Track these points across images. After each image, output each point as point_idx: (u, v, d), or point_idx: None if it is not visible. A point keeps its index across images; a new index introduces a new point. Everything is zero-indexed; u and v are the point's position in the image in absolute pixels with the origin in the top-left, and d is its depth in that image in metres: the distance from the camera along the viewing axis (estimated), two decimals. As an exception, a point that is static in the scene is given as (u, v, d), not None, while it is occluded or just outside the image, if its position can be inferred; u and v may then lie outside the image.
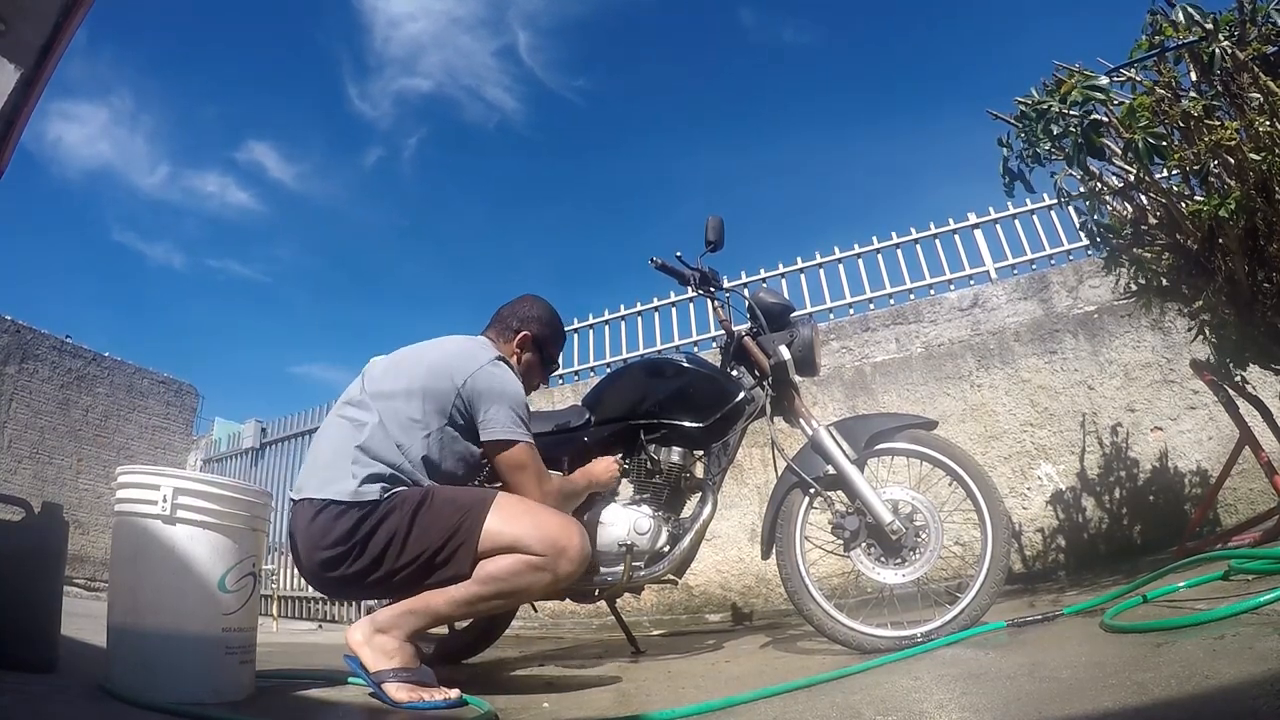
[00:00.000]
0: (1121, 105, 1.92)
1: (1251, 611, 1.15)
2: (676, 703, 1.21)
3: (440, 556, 1.43)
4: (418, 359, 1.65)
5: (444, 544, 1.43)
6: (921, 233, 4.58)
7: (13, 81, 1.39)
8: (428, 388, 1.57)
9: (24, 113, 1.44)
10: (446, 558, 1.43)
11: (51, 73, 1.46)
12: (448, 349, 1.68)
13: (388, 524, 1.43)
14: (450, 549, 1.43)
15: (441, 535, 1.43)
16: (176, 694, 1.25)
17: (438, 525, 1.44)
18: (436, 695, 1.35)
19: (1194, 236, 1.97)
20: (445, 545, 1.43)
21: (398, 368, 1.65)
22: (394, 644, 1.41)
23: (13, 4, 1.36)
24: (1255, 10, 1.87)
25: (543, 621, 4.15)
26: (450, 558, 1.43)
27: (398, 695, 1.34)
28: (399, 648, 1.41)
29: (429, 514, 1.45)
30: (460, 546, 1.43)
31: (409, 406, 1.55)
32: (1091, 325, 3.55)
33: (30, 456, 7.28)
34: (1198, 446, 3.15)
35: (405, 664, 1.40)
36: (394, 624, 1.43)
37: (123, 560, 1.37)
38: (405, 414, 1.55)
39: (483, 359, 1.63)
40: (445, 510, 1.45)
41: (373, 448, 1.50)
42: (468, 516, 1.44)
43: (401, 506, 1.45)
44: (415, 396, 1.56)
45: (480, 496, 1.51)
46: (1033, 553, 3.29)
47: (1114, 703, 0.84)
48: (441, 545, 1.43)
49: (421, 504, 1.46)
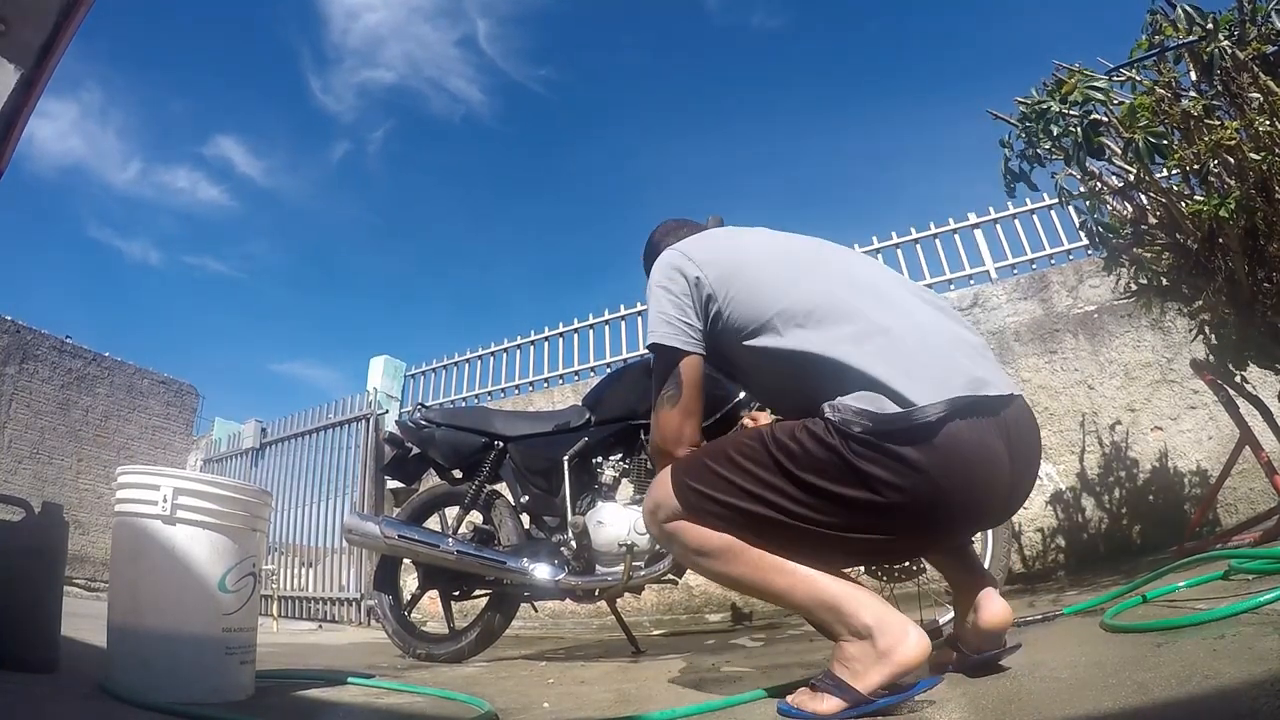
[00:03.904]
0: (1121, 105, 1.92)
1: (1251, 611, 1.15)
2: (676, 703, 1.21)
3: None
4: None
5: None
6: (921, 232, 4.58)
7: (13, 81, 1.39)
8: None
9: (24, 113, 1.44)
10: None
11: (51, 73, 1.46)
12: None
13: None
14: None
15: None
16: (176, 694, 1.25)
17: None
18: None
19: (1194, 236, 1.97)
20: None
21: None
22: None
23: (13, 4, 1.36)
24: (1255, 10, 1.87)
25: (543, 621, 4.15)
26: None
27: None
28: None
29: None
30: None
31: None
32: (1091, 325, 3.55)
33: (30, 456, 7.28)
34: (1198, 446, 3.15)
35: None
36: None
37: (123, 560, 1.37)
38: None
39: None
40: None
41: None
42: None
43: None
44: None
45: None
46: (1033, 553, 3.29)
47: (1114, 703, 0.84)
48: None
49: None
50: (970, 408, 1.00)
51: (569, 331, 5.64)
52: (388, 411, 5.79)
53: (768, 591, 1.09)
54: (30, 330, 7.58)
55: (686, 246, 1.28)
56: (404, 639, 2.40)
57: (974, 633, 1.17)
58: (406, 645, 2.38)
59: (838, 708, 0.97)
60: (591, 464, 2.32)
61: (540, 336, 5.75)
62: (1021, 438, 1.07)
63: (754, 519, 1.06)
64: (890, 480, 0.97)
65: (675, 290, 1.22)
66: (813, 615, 1.07)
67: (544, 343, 5.73)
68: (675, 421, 1.20)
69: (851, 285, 1.16)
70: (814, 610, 1.05)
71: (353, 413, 5.68)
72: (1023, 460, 1.07)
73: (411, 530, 2.37)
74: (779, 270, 1.19)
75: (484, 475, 2.45)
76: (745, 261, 1.22)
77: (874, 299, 1.13)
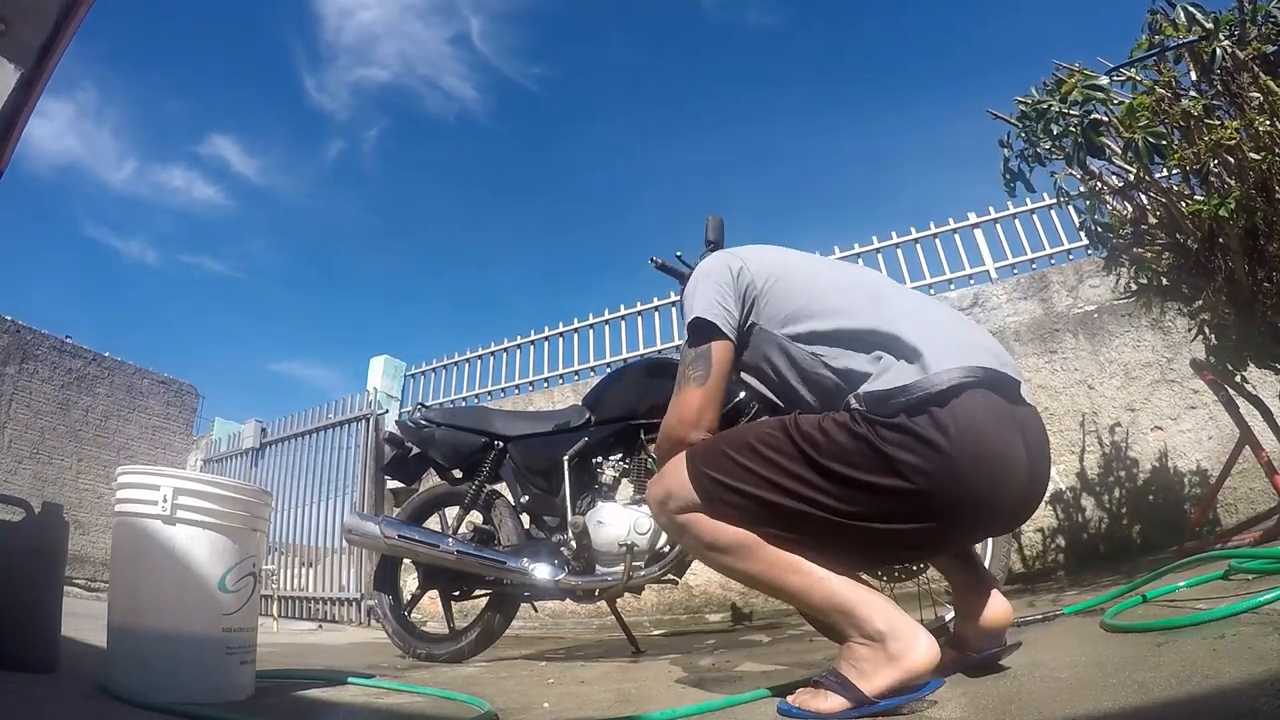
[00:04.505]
0: (1121, 105, 1.92)
1: (1251, 611, 1.15)
2: (676, 703, 1.21)
3: None
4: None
5: None
6: (921, 232, 4.58)
7: (13, 81, 1.39)
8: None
9: (24, 113, 1.44)
10: None
11: (51, 73, 1.46)
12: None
13: None
14: None
15: None
16: (176, 694, 1.25)
17: None
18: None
19: (1194, 236, 1.97)
20: None
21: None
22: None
23: (13, 4, 1.36)
24: (1255, 10, 1.87)
25: (543, 621, 4.15)
26: None
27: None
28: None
29: None
30: None
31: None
32: (1091, 325, 3.55)
33: (30, 457, 7.28)
34: (1198, 446, 3.15)
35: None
36: None
37: (123, 560, 1.37)
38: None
39: None
40: None
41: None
42: None
43: None
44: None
45: None
46: (1033, 553, 3.29)
47: (1114, 702, 0.84)
48: None
49: None
50: (990, 380, 1.02)
51: (569, 331, 5.64)
52: (388, 411, 5.79)
53: (782, 590, 1.09)
54: (30, 330, 7.58)
55: (733, 249, 1.33)
56: (404, 639, 2.40)
57: (975, 632, 1.18)
58: (406, 645, 2.37)
59: (841, 707, 0.97)
60: (591, 464, 2.32)
61: (540, 336, 5.75)
62: (1037, 442, 1.09)
63: (776, 510, 1.05)
64: (917, 465, 0.97)
65: (717, 279, 1.24)
66: (825, 617, 1.06)
67: (544, 343, 5.73)
68: (697, 404, 1.18)
69: (877, 284, 1.23)
70: (827, 612, 1.05)
71: (353, 413, 5.68)
72: (1036, 466, 1.08)
73: (411, 530, 2.37)
74: (814, 269, 1.26)
75: (484, 475, 2.45)
76: (786, 262, 1.27)
77: (898, 294, 1.20)
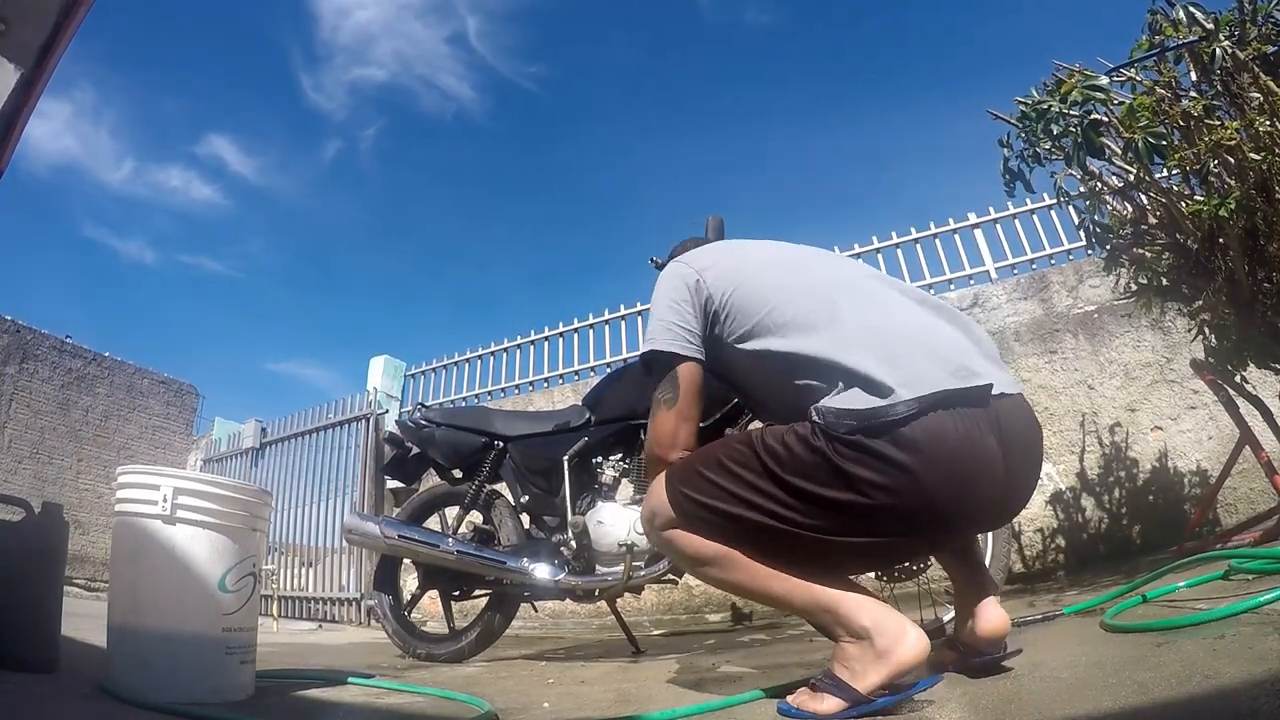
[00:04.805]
0: (1121, 105, 1.92)
1: (1251, 611, 1.15)
2: (676, 703, 1.21)
3: None
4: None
5: None
6: (921, 232, 4.58)
7: (13, 81, 1.39)
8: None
9: (24, 113, 1.44)
10: None
11: (51, 73, 1.46)
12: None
13: None
14: None
15: None
16: (176, 694, 1.25)
17: None
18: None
19: (1194, 236, 1.97)
20: None
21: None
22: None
23: (13, 4, 1.36)
24: (1255, 10, 1.87)
25: (543, 621, 4.15)
26: None
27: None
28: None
29: None
30: None
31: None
32: (1091, 325, 3.55)
33: (30, 456, 7.28)
34: (1198, 446, 3.15)
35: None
36: None
37: (123, 560, 1.37)
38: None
39: None
40: None
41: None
42: None
43: None
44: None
45: None
46: (1033, 553, 3.29)
47: (1114, 702, 0.84)
48: None
49: None
50: (955, 398, 0.99)
51: (569, 331, 5.64)
52: (388, 411, 5.79)
53: (767, 597, 1.10)
54: (30, 330, 7.58)
55: (688, 257, 1.31)
56: (404, 639, 2.40)
57: (973, 637, 1.18)
58: (406, 645, 2.37)
59: (837, 707, 0.97)
60: (591, 464, 2.32)
61: (540, 336, 5.75)
62: (1017, 434, 1.06)
63: (746, 525, 1.06)
64: (876, 480, 0.96)
65: (675, 297, 1.24)
66: (813, 618, 1.07)
67: (544, 343, 5.73)
68: (670, 425, 1.21)
69: (841, 287, 1.18)
70: (813, 613, 1.06)
71: (353, 413, 5.68)
72: (1019, 457, 1.06)
73: (411, 530, 2.37)
74: (773, 275, 1.22)
75: (484, 475, 2.45)
76: (742, 265, 1.25)
77: (865, 299, 1.16)
